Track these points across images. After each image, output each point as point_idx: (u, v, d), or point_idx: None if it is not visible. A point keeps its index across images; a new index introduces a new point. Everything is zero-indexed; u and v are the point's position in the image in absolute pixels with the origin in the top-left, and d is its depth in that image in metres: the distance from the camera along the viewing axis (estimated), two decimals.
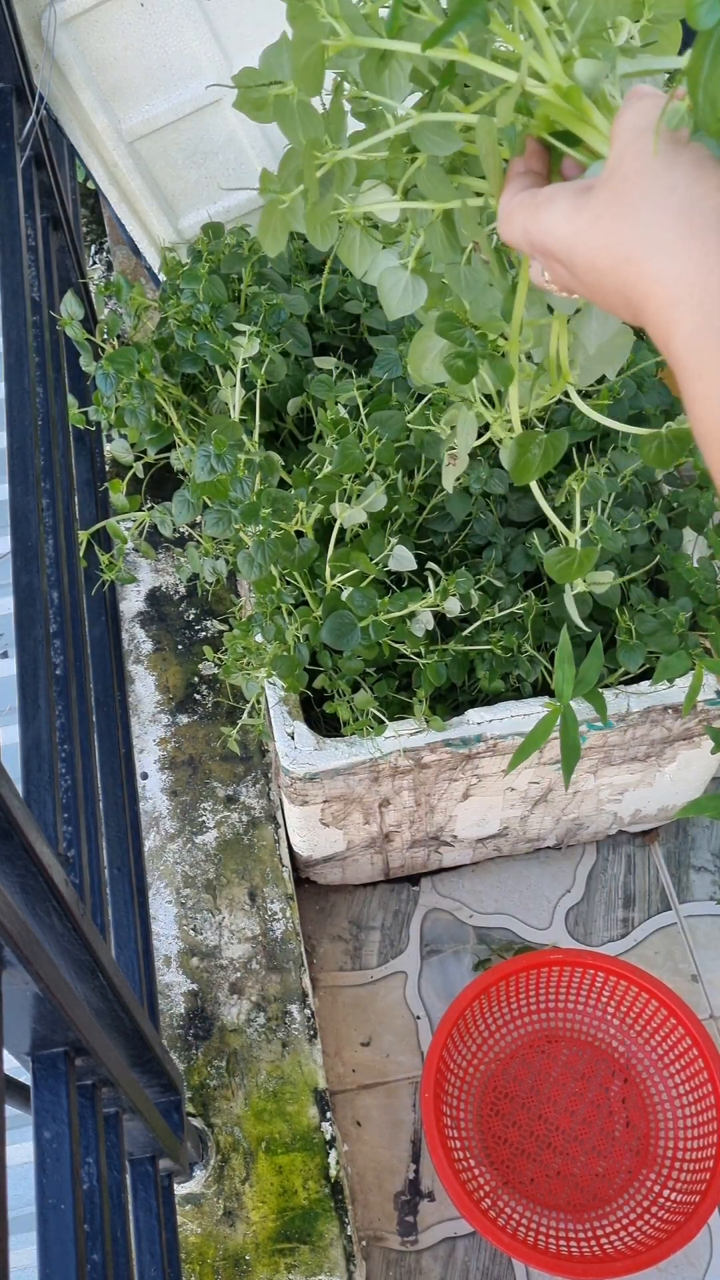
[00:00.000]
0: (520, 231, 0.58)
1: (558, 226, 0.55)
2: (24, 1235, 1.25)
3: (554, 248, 0.56)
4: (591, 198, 0.54)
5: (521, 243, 0.59)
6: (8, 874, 0.71)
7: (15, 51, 1.32)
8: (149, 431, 1.33)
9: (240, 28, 1.46)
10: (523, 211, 0.58)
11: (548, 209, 0.56)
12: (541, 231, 0.57)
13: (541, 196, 0.57)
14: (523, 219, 0.58)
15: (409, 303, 0.74)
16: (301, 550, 1.22)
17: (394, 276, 0.74)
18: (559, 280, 0.59)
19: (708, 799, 1.04)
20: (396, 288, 0.74)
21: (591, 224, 0.54)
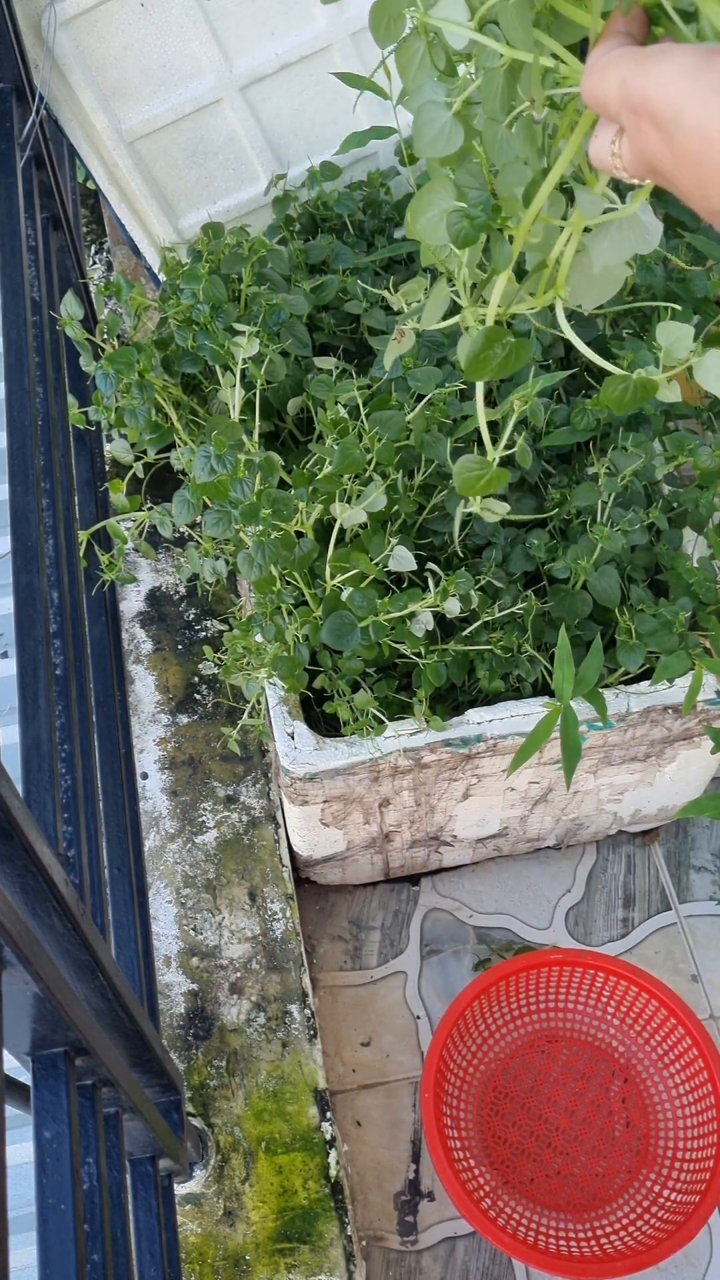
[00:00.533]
0: (617, 83, 0.52)
1: (676, 80, 0.49)
2: (24, 1235, 1.25)
3: (660, 103, 0.49)
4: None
5: (614, 97, 0.53)
6: (8, 874, 0.71)
7: (15, 51, 1.32)
8: (149, 431, 1.33)
9: (240, 28, 1.46)
10: (625, 62, 0.52)
11: (663, 61, 0.50)
12: (649, 84, 0.50)
13: (654, 50, 0.51)
14: (624, 69, 0.52)
15: (441, 144, 0.69)
16: (301, 550, 1.22)
17: (434, 111, 0.68)
18: (643, 149, 0.52)
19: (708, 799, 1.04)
20: (433, 123, 0.68)
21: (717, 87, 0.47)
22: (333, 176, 1.57)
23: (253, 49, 1.48)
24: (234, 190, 1.62)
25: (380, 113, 1.56)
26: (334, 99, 1.55)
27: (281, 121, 1.56)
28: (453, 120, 0.68)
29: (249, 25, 1.46)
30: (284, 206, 1.57)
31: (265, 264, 1.44)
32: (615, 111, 0.53)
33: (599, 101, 0.54)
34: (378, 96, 1.41)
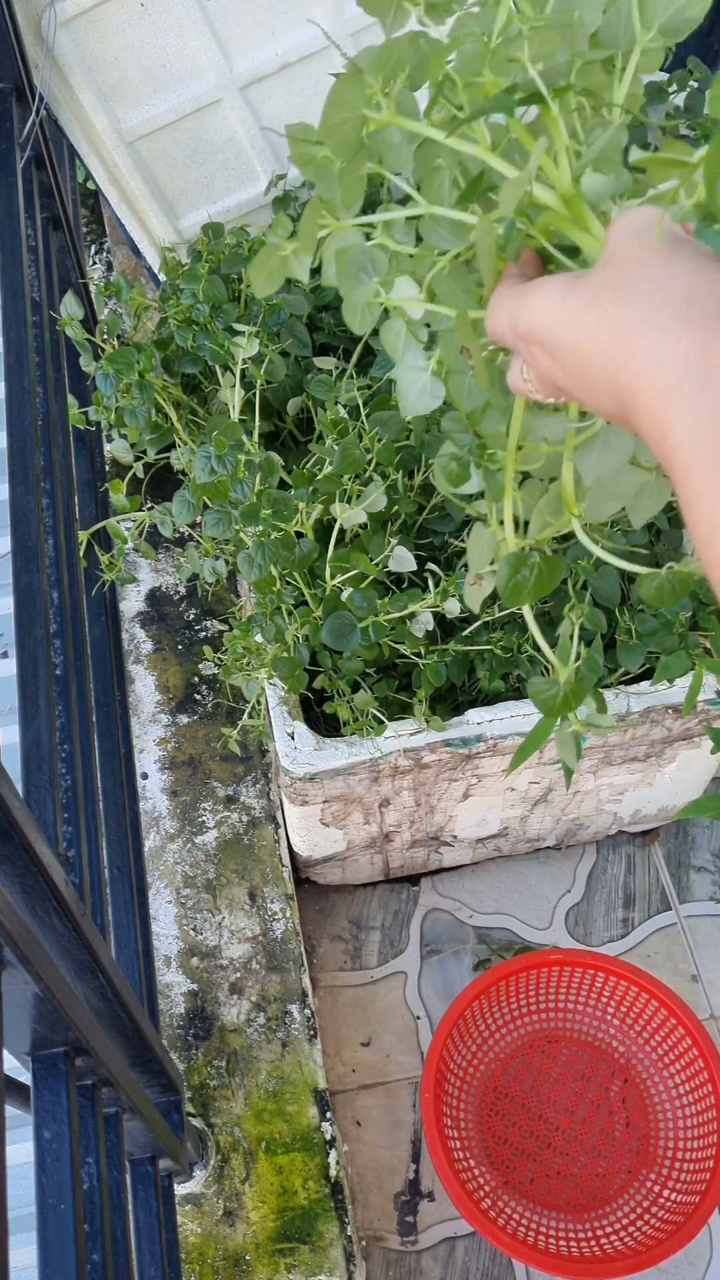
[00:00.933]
0: (505, 318, 0.57)
1: (546, 308, 0.54)
2: (24, 1235, 1.26)
3: (539, 330, 0.54)
4: (585, 281, 0.53)
5: (506, 331, 0.58)
6: (8, 874, 0.71)
7: (15, 51, 1.32)
8: (149, 431, 1.33)
9: (240, 28, 1.46)
10: (509, 299, 0.57)
11: (536, 293, 0.55)
12: (527, 315, 0.55)
13: (531, 284, 0.56)
14: (509, 306, 0.57)
15: (424, 403, 0.74)
16: (301, 551, 1.22)
17: (413, 376, 0.74)
18: (541, 372, 0.56)
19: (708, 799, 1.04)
20: (414, 387, 0.74)
21: (585, 305, 0.52)
22: None
23: (253, 49, 1.48)
24: (234, 190, 1.62)
25: None
26: None
27: (281, 121, 1.56)
28: (431, 379, 0.74)
29: (249, 25, 1.46)
30: (284, 206, 1.57)
31: None
32: (512, 343, 0.58)
33: (497, 337, 0.59)
34: None
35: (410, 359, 0.74)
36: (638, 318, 0.49)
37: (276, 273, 0.73)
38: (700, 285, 0.48)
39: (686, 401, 0.46)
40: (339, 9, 1.46)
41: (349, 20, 1.47)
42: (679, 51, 2.10)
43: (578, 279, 0.53)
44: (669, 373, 0.47)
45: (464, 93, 0.64)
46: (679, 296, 0.48)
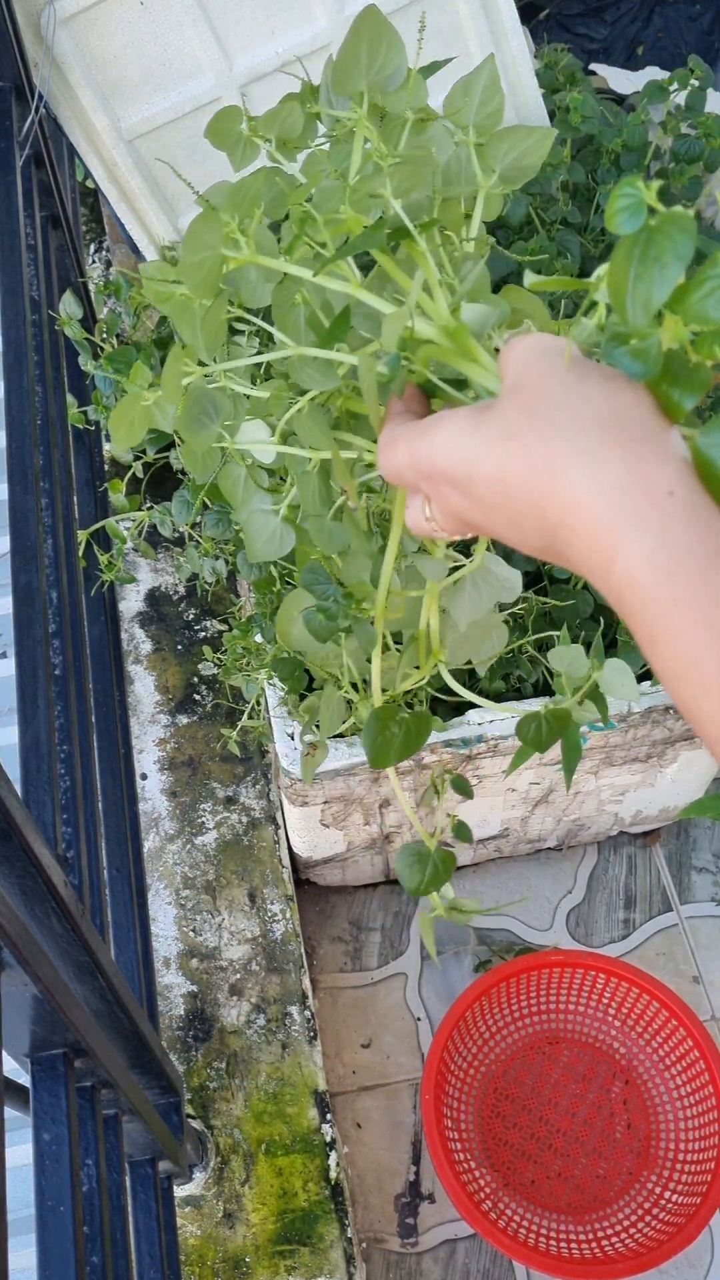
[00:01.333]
0: (405, 455, 0.54)
1: (454, 442, 0.50)
2: (24, 1237, 1.25)
3: (448, 466, 0.51)
4: (495, 412, 0.49)
5: (405, 467, 0.54)
6: (7, 875, 0.71)
7: (14, 50, 1.32)
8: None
9: (240, 27, 1.45)
10: (408, 435, 0.54)
11: (439, 428, 0.51)
12: (433, 452, 0.51)
13: (431, 420, 0.53)
14: (408, 442, 0.54)
15: (274, 548, 0.72)
16: None
17: (262, 520, 0.72)
18: (449, 509, 0.53)
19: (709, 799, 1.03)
20: (263, 531, 0.72)
21: (498, 436, 0.48)
22: None
23: (253, 47, 1.47)
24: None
25: None
26: None
27: None
28: (282, 524, 0.72)
29: (249, 23, 1.46)
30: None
31: None
32: (413, 482, 0.55)
33: (395, 476, 0.56)
34: None
35: (254, 503, 0.72)
36: (564, 445, 0.46)
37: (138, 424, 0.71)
38: (620, 408, 0.46)
39: (635, 528, 0.43)
40: (340, 7, 1.45)
41: (349, 18, 1.47)
42: (680, 49, 2.09)
43: (483, 410, 0.50)
44: (607, 500, 0.44)
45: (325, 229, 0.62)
46: (601, 421, 0.45)
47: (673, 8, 2.10)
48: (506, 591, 0.71)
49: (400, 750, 0.73)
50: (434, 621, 0.72)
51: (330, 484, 0.68)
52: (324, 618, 0.73)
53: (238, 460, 0.71)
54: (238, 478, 0.72)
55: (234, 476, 0.72)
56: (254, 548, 0.73)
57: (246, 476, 0.72)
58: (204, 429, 0.69)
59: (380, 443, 0.57)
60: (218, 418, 0.69)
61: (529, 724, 0.75)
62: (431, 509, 0.55)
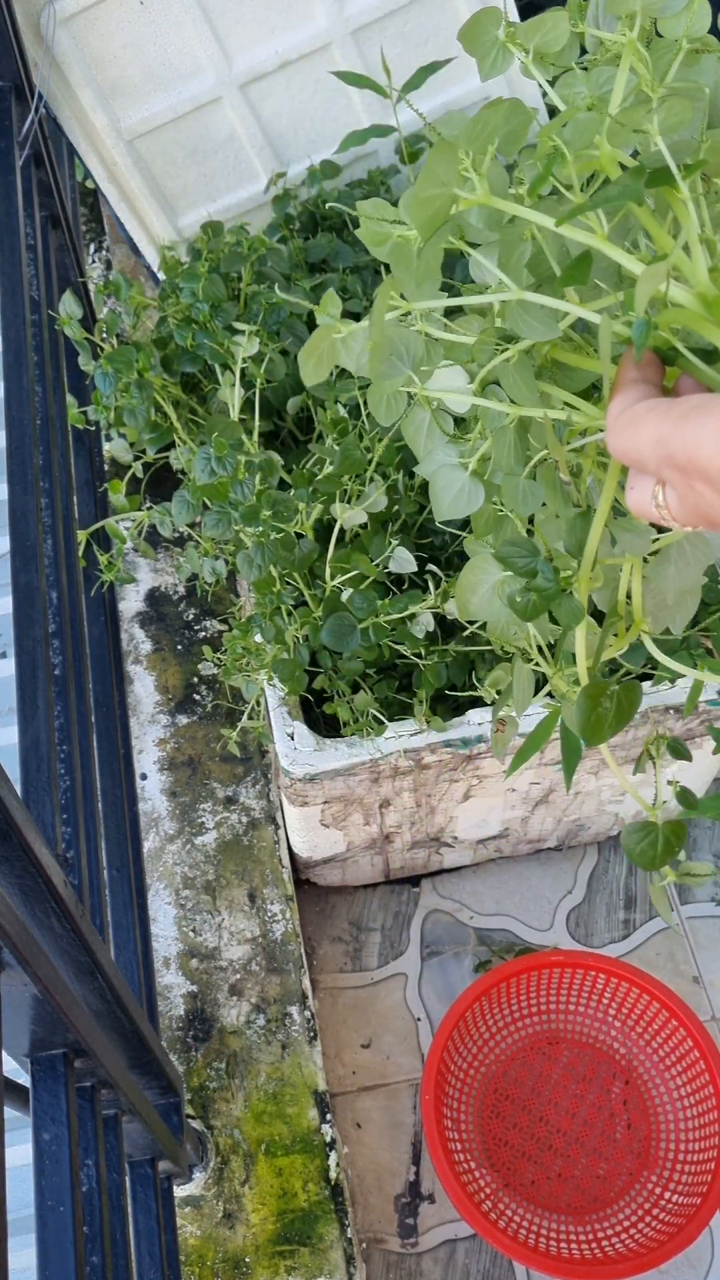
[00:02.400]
0: (653, 442, 0.49)
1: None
2: (23, 1237, 1.25)
3: (710, 465, 0.47)
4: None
5: (650, 455, 0.50)
6: (6, 875, 0.71)
7: (14, 50, 1.32)
8: (148, 431, 1.33)
9: (240, 25, 1.45)
10: (657, 419, 0.49)
11: (704, 417, 0.47)
12: (694, 445, 0.47)
13: (689, 405, 0.48)
14: (658, 428, 0.49)
15: (462, 505, 0.67)
16: (301, 551, 1.22)
17: (450, 475, 0.67)
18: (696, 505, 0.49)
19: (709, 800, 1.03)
20: (451, 488, 0.67)
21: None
22: (333, 175, 1.57)
23: (253, 47, 1.47)
24: (234, 189, 1.62)
25: (380, 111, 1.56)
26: (334, 97, 1.54)
27: (281, 119, 1.56)
28: (470, 480, 0.67)
29: (249, 23, 1.46)
30: (284, 205, 1.57)
31: (265, 262, 1.44)
32: (655, 468, 0.51)
33: (633, 459, 0.52)
34: (377, 95, 1.41)
35: (440, 455, 0.68)
36: None
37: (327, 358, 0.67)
38: None
39: None
40: (340, 6, 1.45)
41: (350, 18, 1.47)
42: None
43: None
44: None
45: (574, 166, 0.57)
46: None
47: None
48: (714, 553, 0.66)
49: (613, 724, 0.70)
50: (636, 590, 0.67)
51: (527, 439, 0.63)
52: (537, 595, 0.68)
53: (424, 405, 0.67)
54: (421, 423, 0.68)
55: (418, 422, 0.68)
56: (440, 505, 0.68)
57: (431, 423, 0.67)
58: (395, 371, 0.66)
59: (612, 415, 0.53)
60: (410, 361, 0.65)
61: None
62: (666, 496, 0.51)
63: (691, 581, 0.67)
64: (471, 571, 0.72)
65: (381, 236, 0.62)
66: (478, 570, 0.72)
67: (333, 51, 1.49)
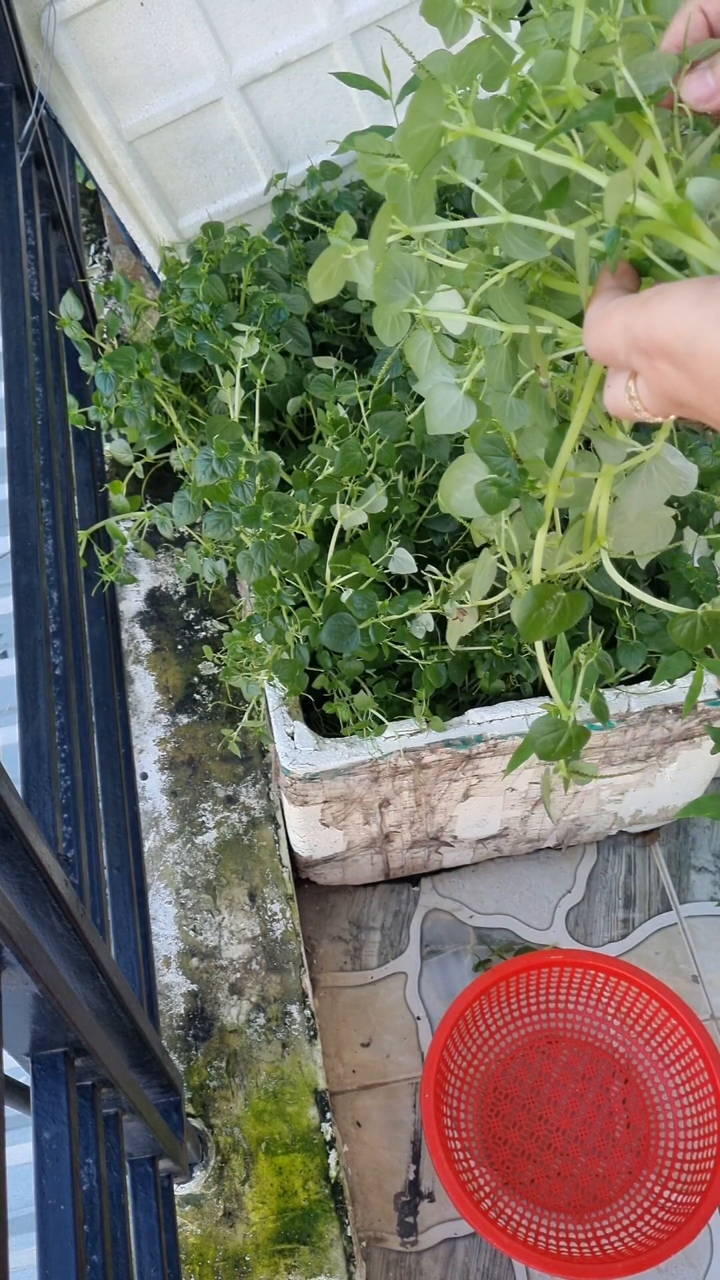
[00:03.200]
0: (621, 329, 0.52)
1: (679, 315, 0.49)
2: (24, 1236, 1.25)
3: (669, 341, 0.50)
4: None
5: (618, 342, 0.53)
6: (7, 874, 0.71)
7: (15, 51, 1.32)
8: (148, 431, 1.33)
9: (240, 26, 1.46)
10: (625, 307, 0.52)
11: (664, 299, 0.50)
12: (654, 324, 0.50)
13: (651, 291, 0.52)
14: (625, 315, 0.52)
15: (454, 421, 0.72)
16: (301, 552, 1.22)
17: (445, 393, 0.72)
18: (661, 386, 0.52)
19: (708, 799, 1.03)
20: (445, 404, 0.72)
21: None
22: (333, 176, 1.57)
23: (253, 48, 1.48)
24: (234, 190, 1.62)
25: (380, 111, 1.56)
26: (334, 98, 1.55)
27: (281, 121, 1.56)
28: (464, 398, 0.71)
29: (249, 24, 1.46)
30: (284, 206, 1.57)
31: (265, 263, 1.44)
32: (625, 358, 0.53)
33: (605, 351, 0.54)
34: (378, 95, 1.41)
35: (437, 374, 0.72)
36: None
37: (337, 276, 0.71)
38: None
39: None
40: (340, 7, 1.46)
41: (350, 19, 1.47)
42: None
43: (712, 284, 0.49)
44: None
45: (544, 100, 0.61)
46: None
47: None
48: (681, 485, 0.70)
49: (553, 626, 0.74)
50: (603, 506, 0.71)
51: (518, 360, 0.67)
52: (498, 490, 0.73)
53: (426, 328, 0.71)
54: (424, 346, 0.72)
55: (420, 344, 0.72)
56: (434, 420, 0.72)
57: (433, 344, 0.71)
58: (398, 294, 0.70)
59: (589, 317, 0.56)
60: (413, 285, 0.69)
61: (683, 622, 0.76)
62: (638, 387, 0.54)
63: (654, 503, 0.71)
64: (458, 468, 0.77)
65: (378, 170, 0.66)
66: (464, 467, 0.76)
67: (333, 53, 1.50)
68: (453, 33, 0.69)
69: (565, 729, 0.82)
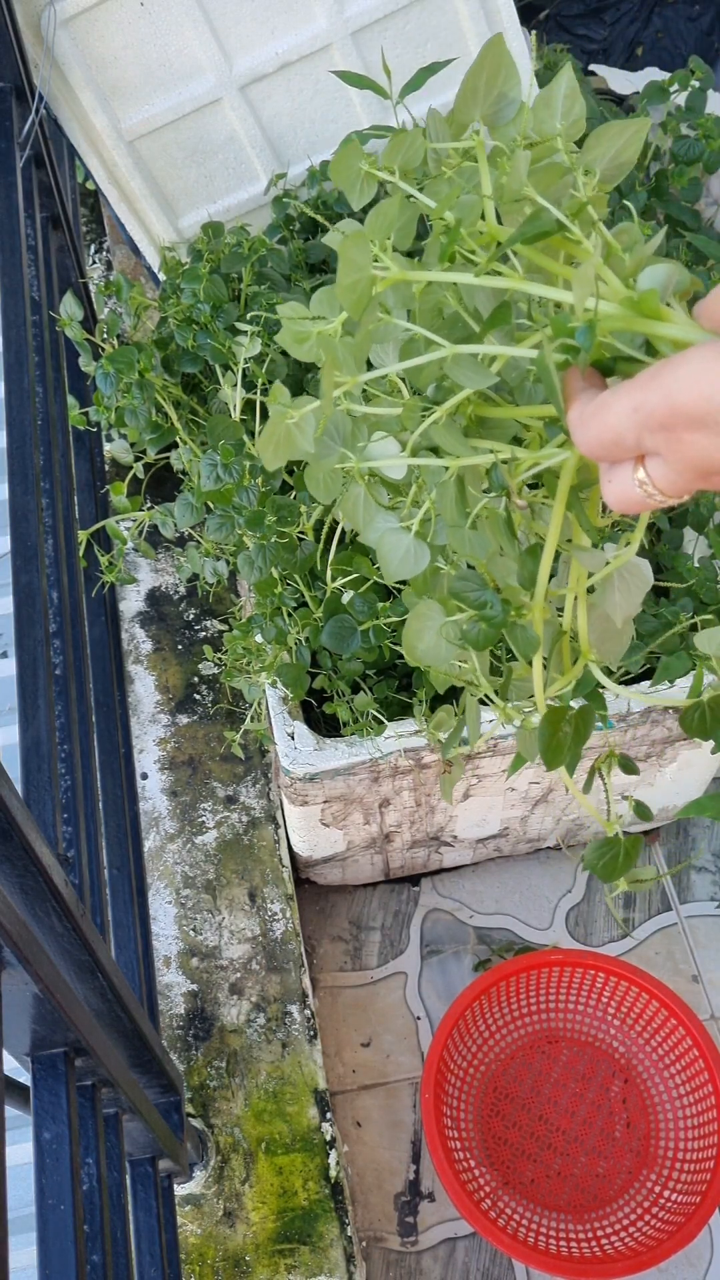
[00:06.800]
0: (627, 411, 0.50)
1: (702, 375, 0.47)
2: (24, 1236, 1.25)
3: (693, 402, 0.47)
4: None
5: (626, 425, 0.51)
6: (7, 874, 0.71)
7: (15, 51, 1.32)
8: (149, 431, 1.33)
9: (240, 26, 1.46)
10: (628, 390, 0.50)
11: (676, 367, 0.48)
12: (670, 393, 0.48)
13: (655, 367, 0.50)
14: (631, 396, 0.50)
15: (409, 566, 0.72)
16: (302, 553, 1.22)
17: (395, 539, 0.72)
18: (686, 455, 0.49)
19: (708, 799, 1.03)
20: (397, 549, 0.72)
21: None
22: None
23: (253, 48, 1.48)
24: (234, 189, 1.62)
25: (380, 111, 1.56)
26: (334, 98, 1.55)
27: (281, 121, 1.56)
28: (415, 541, 0.72)
29: (249, 24, 1.46)
30: (284, 206, 1.57)
31: (265, 263, 1.44)
32: (635, 441, 0.51)
33: (609, 442, 0.52)
34: (378, 95, 1.41)
35: (380, 522, 0.73)
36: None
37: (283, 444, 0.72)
38: None
39: None
40: (340, 8, 1.46)
41: (350, 19, 1.47)
42: (679, 50, 2.10)
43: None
44: None
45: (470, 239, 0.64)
46: None
47: (672, 8, 2.10)
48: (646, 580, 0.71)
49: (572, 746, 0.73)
50: (583, 620, 0.71)
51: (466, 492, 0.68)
52: (487, 625, 0.72)
53: (359, 481, 0.72)
54: (357, 498, 0.73)
55: (354, 498, 0.73)
56: (389, 566, 0.73)
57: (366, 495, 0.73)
58: (328, 451, 0.71)
59: (573, 418, 0.54)
60: (340, 440, 0.71)
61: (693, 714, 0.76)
62: (649, 471, 0.52)
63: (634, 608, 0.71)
64: (416, 619, 0.76)
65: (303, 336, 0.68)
66: (422, 618, 0.76)
67: (333, 52, 1.50)
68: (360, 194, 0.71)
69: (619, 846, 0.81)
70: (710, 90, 1.56)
